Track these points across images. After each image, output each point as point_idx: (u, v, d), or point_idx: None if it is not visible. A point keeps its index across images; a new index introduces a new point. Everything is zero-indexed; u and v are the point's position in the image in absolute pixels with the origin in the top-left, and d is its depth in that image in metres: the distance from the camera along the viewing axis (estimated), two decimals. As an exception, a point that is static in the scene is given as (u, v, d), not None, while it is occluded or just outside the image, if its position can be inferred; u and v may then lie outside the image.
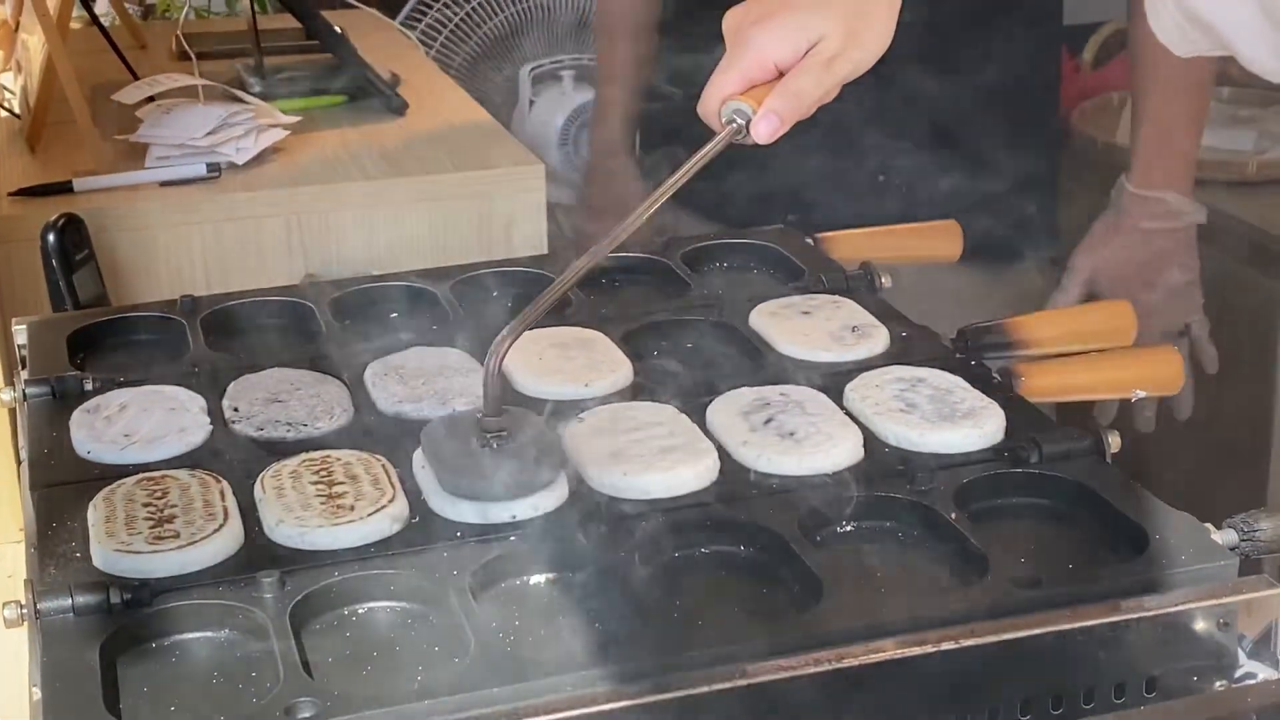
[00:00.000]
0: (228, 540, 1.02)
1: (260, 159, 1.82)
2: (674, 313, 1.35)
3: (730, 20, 1.08)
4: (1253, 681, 0.95)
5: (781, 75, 1.05)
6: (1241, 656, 0.97)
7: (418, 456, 1.11)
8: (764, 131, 1.05)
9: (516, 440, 1.06)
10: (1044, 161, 1.92)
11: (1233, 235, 2.26)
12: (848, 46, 1.06)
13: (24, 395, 1.24)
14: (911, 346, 1.27)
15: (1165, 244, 1.85)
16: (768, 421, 1.13)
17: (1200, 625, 0.96)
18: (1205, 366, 1.89)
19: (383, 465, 1.10)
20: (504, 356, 1.05)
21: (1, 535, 1.42)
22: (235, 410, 1.19)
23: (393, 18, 2.60)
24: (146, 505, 1.06)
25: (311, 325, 1.36)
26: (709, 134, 1.07)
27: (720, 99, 1.06)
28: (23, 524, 1.15)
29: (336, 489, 1.07)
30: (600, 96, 2.14)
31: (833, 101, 1.08)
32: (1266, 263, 2.21)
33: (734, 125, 1.06)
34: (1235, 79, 2.64)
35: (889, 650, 0.92)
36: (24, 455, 1.18)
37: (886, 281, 1.38)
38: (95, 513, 1.05)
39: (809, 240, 1.48)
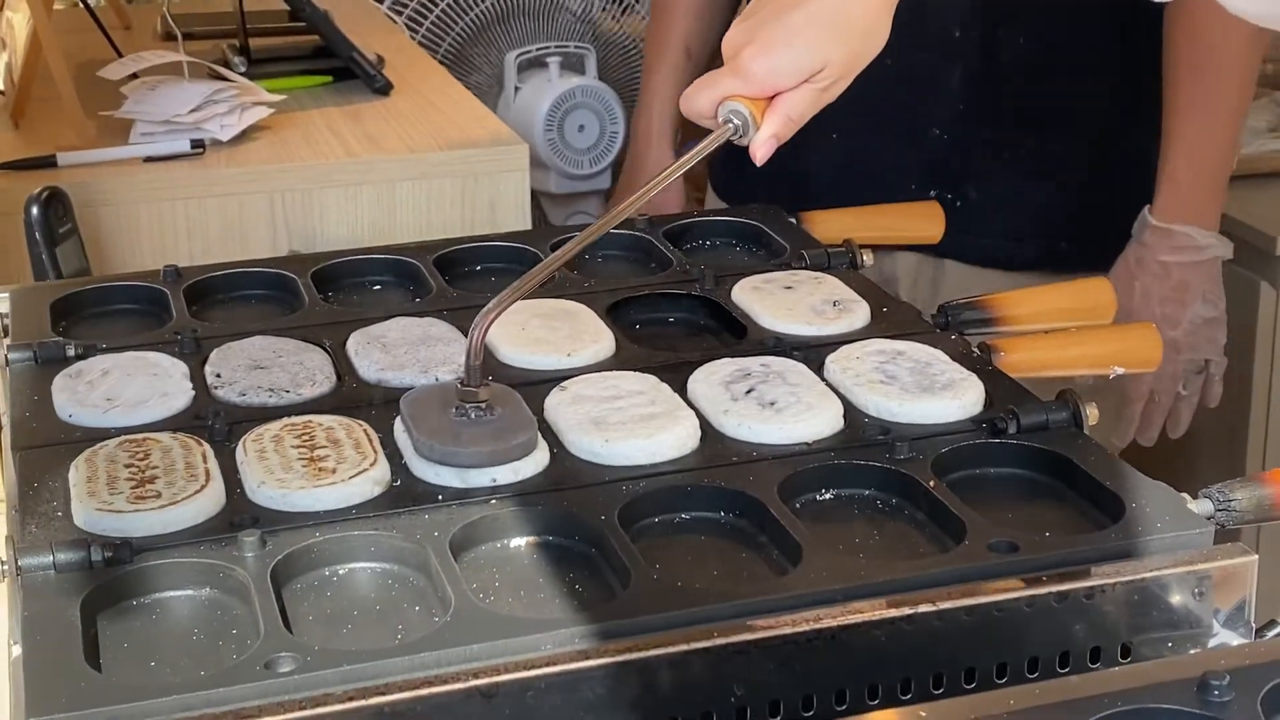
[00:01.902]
0: (209, 501, 1.02)
1: (245, 136, 1.82)
2: (657, 286, 1.36)
3: (730, 44, 1.09)
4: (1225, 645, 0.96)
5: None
6: (1216, 625, 0.98)
7: (399, 422, 1.11)
8: (762, 154, 1.08)
9: (495, 412, 1.07)
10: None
11: (1213, 228, 2.27)
12: (849, 69, 1.07)
13: (6, 360, 1.24)
14: (892, 321, 1.28)
15: (1187, 277, 1.78)
16: (749, 391, 1.14)
17: (1175, 592, 0.97)
18: (1208, 401, 1.83)
19: (364, 430, 1.10)
20: (488, 329, 1.06)
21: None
22: (218, 376, 1.20)
23: (379, 2, 2.60)
24: (128, 466, 1.06)
25: (295, 296, 1.37)
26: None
27: (715, 99, 1.08)
28: (3, 493, 1.16)
29: (318, 452, 1.07)
30: (643, 84, 2.12)
31: None
32: (1246, 256, 2.22)
33: (730, 126, 1.07)
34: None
35: (866, 612, 0.92)
36: (5, 419, 1.18)
37: (868, 259, 1.39)
38: (77, 473, 1.06)
39: (792, 219, 1.49)
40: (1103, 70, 1.80)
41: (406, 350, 1.22)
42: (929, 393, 1.13)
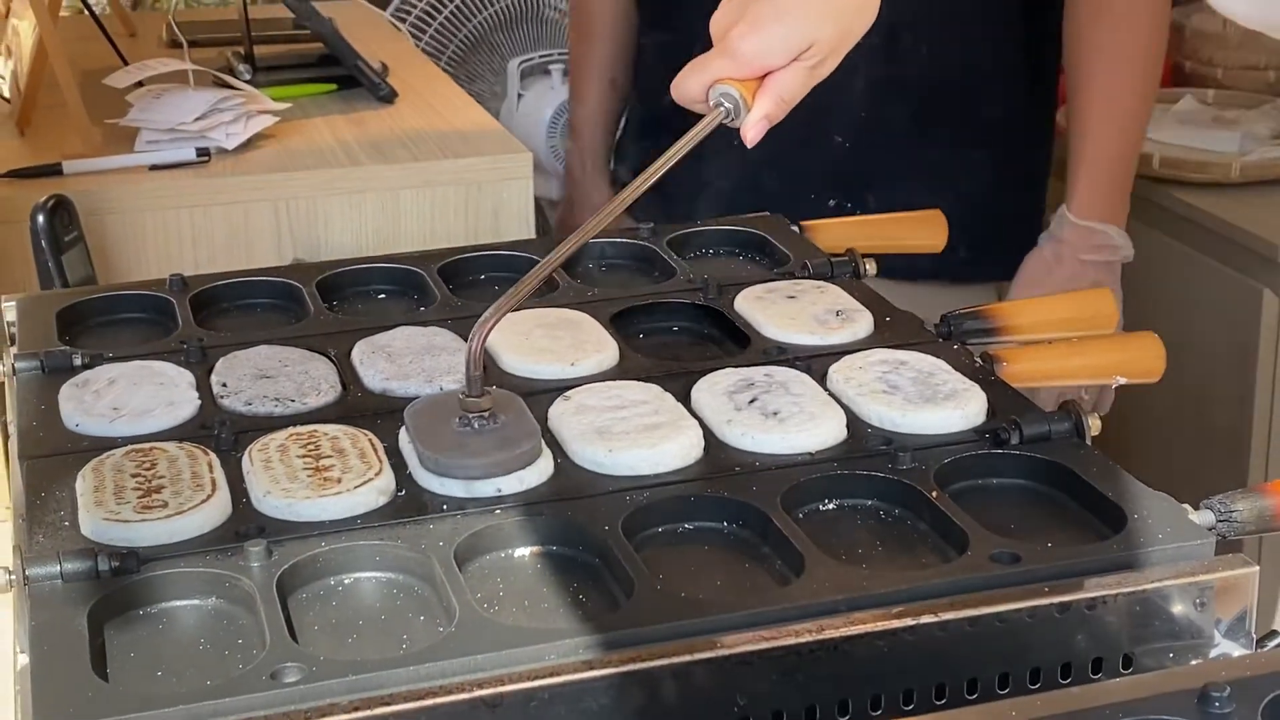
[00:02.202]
0: (215, 510, 1.03)
1: (250, 145, 1.83)
2: (660, 295, 1.37)
3: (718, 24, 1.08)
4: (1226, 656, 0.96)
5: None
6: (1217, 636, 0.99)
7: (404, 432, 1.12)
8: (753, 136, 1.07)
9: (498, 421, 1.07)
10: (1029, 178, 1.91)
11: (1216, 236, 2.28)
12: (839, 46, 1.06)
13: (13, 369, 1.24)
14: (895, 331, 1.28)
15: (1099, 277, 1.83)
16: (752, 401, 1.14)
17: (1176, 603, 0.98)
18: (1100, 408, 1.86)
19: (369, 440, 1.11)
20: (486, 337, 1.06)
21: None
22: (224, 385, 1.20)
23: (383, 10, 2.60)
24: (135, 476, 1.06)
25: (300, 305, 1.37)
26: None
27: (705, 83, 1.07)
28: (7, 501, 1.16)
29: (324, 462, 1.07)
30: (572, 114, 2.13)
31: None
32: (1248, 263, 2.23)
33: (722, 110, 1.07)
34: (1220, 82, 2.66)
35: (869, 623, 0.93)
36: (12, 428, 1.19)
37: (870, 268, 1.39)
38: (84, 483, 1.06)
39: (795, 228, 1.49)
40: (1002, 81, 1.83)
41: (411, 360, 1.23)
42: (932, 403, 1.14)
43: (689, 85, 1.08)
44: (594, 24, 2.08)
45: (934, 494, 1.04)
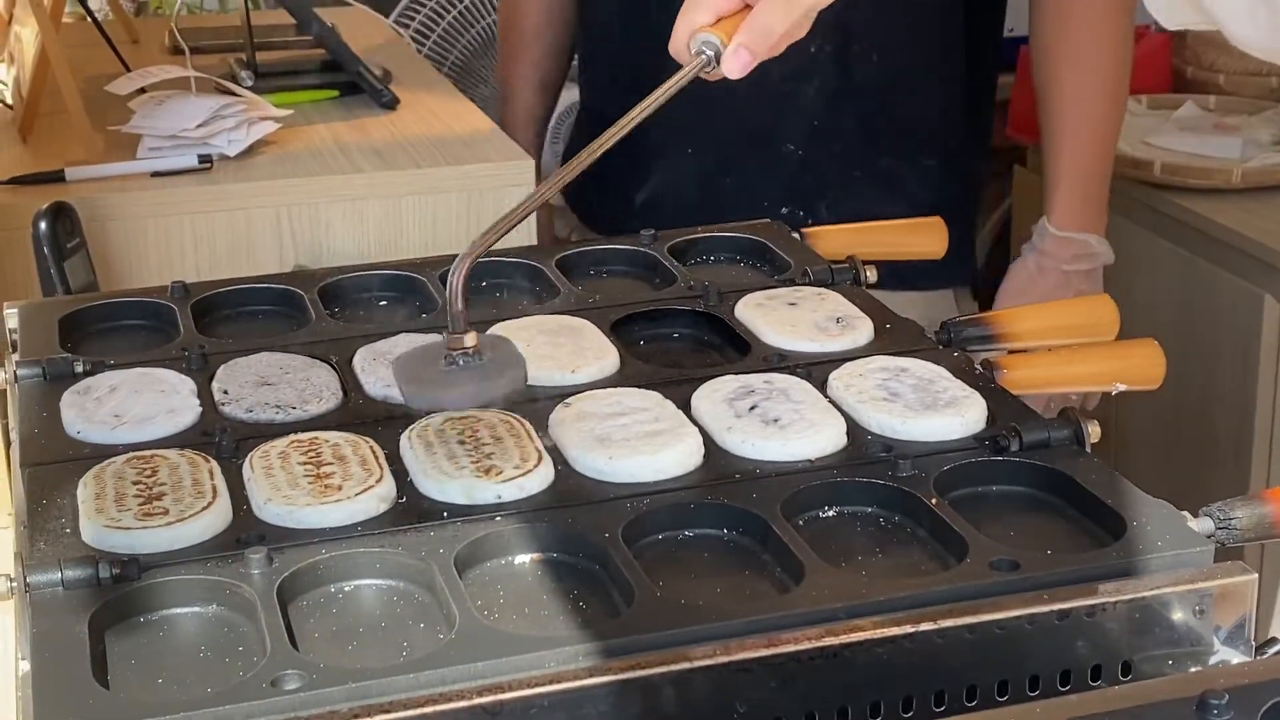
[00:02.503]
0: (216, 518, 1.03)
1: (252, 151, 1.83)
2: (661, 302, 1.37)
3: None
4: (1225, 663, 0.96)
5: (748, 6, 1.06)
6: (1216, 643, 0.99)
7: (404, 439, 1.12)
8: (735, 67, 1.05)
9: (484, 357, 1.06)
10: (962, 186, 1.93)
11: (1218, 242, 2.28)
12: None
13: (15, 377, 1.25)
14: (895, 338, 1.28)
15: (1081, 286, 1.85)
16: (752, 408, 1.14)
17: (1175, 610, 0.98)
18: (1087, 404, 1.88)
19: (370, 447, 1.11)
20: (466, 273, 1.04)
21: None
22: (225, 393, 1.20)
23: (386, 16, 2.61)
24: (136, 483, 1.07)
25: (301, 312, 1.37)
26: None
27: (689, 31, 1.07)
28: (9, 508, 1.16)
29: (324, 469, 1.08)
30: (502, 76, 2.15)
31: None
32: (1249, 269, 2.23)
33: (703, 57, 1.06)
34: (1222, 88, 2.66)
35: (868, 630, 0.93)
36: (14, 436, 1.19)
37: (871, 275, 1.40)
38: (85, 490, 1.06)
39: (795, 235, 1.49)
40: (952, 91, 1.84)
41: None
42: (932, 410, 1.14)
43: (676, 36, 1.08)
44: (524, 25, 2.10)
45: (933, 501, 1.05)
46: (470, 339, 1.06)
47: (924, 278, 1.82)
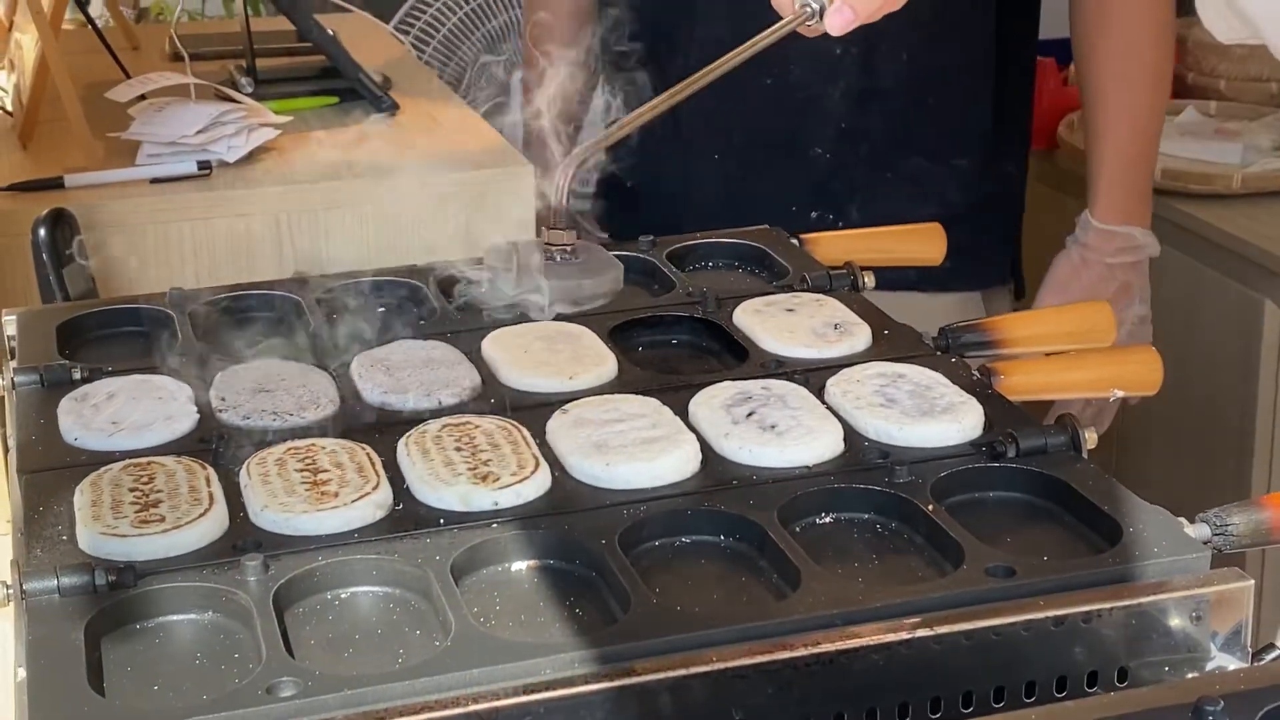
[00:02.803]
0: (212, 525, 1.03)
1: (251, 158, 1.83)
2: (659, 309, 1.37)
3: None
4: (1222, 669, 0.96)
5: None
6: (1213, 649, 0.99)
7: (401, 446, 1.12)
8: (837, 23, 1.09)
9: (580, 257, 1.11)
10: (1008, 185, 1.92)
11: (1217, 247, 2.28)
12: None
13: (12, 383, 1.25)
14: (893, 344, 1.28)
15: (1128, 277, 1.84)
16: (749, 415, 1.14)
17: (1172, 617, 0.98)
18: (1099, 426, 1.87)
19: (367, 454, 1.11)
20: (572, 174, 1.08)
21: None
22: (222, 400, 1.20)
23: (386, 23, 2.61)
24: (132, 490, 1.07)
25: (299, 318, 1.37)
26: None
27: None
28: (8, 515, 1.16)
29: (321, 476, 1.08)
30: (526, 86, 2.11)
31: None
32: (1249, 274, 2.23)
33: (807, 10, 1.09)
34: (1223, 93, 2.66)
35: (864, 636, 0.93)
36: (11, 442, 1.19)
37: (869, 281, 1.40)
38: (81, 497, 1.06)
39: (793, 241, 1.49)
40: (980, 89, 1.83)
41: (410, 373, 1.23)
42: (929, 416, 1.14)
43: None
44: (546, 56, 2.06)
45: (930, 507, 1.05)
46: (570, 236, 1.09)
47: (959, 279, 1.81)
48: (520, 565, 1.03)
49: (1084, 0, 1.82)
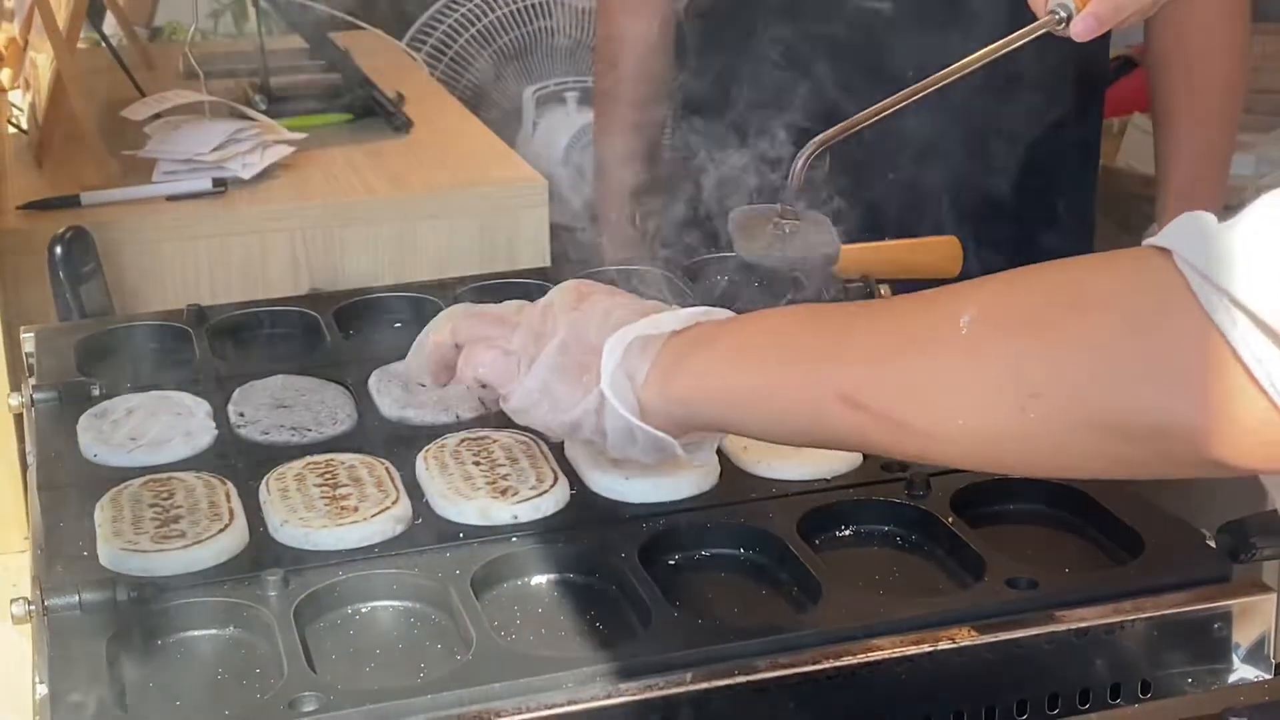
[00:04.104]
0: (233, 540, 1.03)
1: (266, 175, 1.83)
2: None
3: None
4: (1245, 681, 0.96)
5: None
6: (1235, 660, 0.98)
7: (420, 460, 1.12)
8: (1083, 29, 1.17)
9: (803, 229, 1.28)
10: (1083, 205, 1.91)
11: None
12: None
13: (32, 400, 1.25)
14: (910, 357, 1.28)
15: None
16: (768, 428, 1.14)
17: (1194, 628, 0.97)
18: None
19: (386, 468, 1.11)
20: (809, 157, 1.23)
21: (4, 545, 1.43)
22: (241, 415, 1.21)
23: (399, 39, 2.62)
24: (153, 506, 1.07)
25: (316, 334, 1.38)
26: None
27: None
28: (26, 533, 1.16)
29: (340, 491, 1.08)
30: (597, 145, 2.03)
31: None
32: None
33: (1055, 16, 1.18)
34: (1235, 105, 2.66)
35: (886, 650, 0.93)
36: (31, 459, 1.19)
37: (885, 293, 1.39)
38: (102, 513, 1.07)
39: (809, 254, 1.49)
40: (1066, 112, 1.82)
41: (427, 388, 1.23)
42: (947, 428, 1.13)
43: None
44: (622, 64, 2.02)
45: (950, 519, 1.04)
46: (799, 211, 1.26)
47: None
48: (540, 579, 1.03)
49: (1162, 13, 1.81)
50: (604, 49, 2.02)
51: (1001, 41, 1.18)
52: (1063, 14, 1.17)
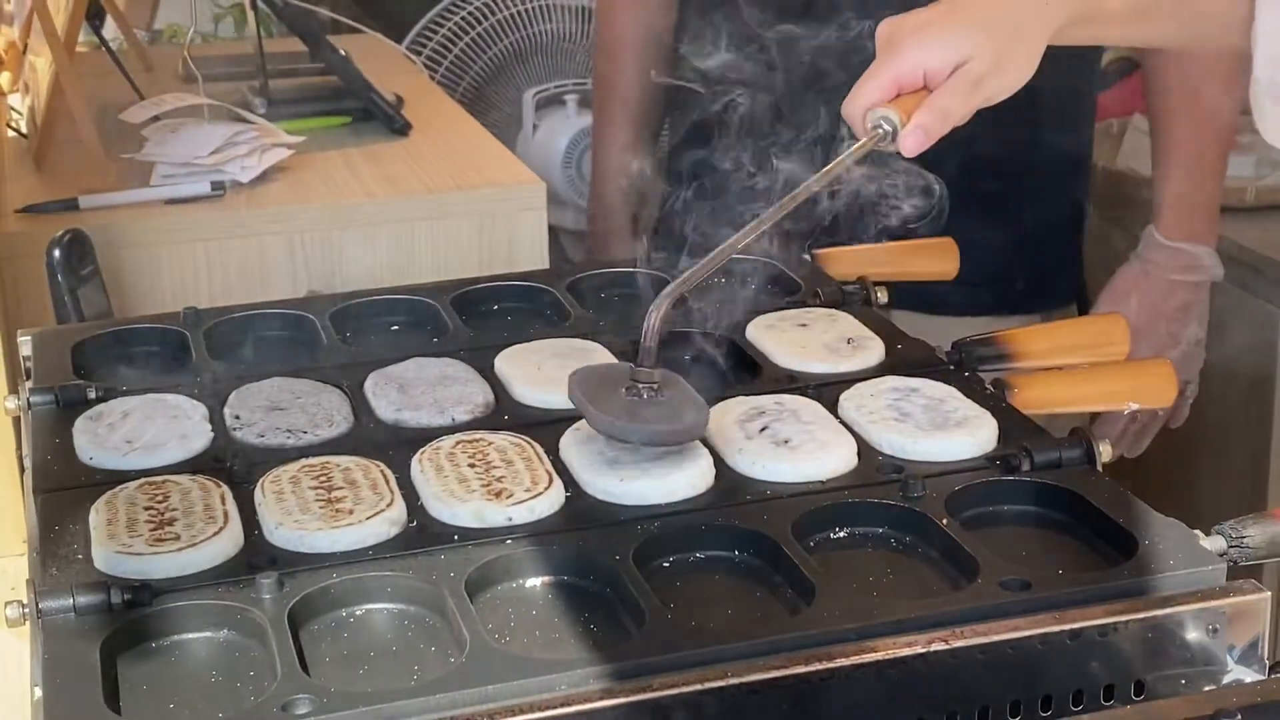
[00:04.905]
0: (227, 543, 1.03)
1: (264, 178, 1.84)
2: (672, 324, 1.36)
3: (885, 28, 1.11)
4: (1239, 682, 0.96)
5: (927, 88, 1.08)
6: (1229, 661, 0.98)
7: (415, 463, 1.12)
8: (911, 145, 1.08)
9: (664, 394, 1.10)
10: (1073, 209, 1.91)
11: (1231, 260, 2.27)
12: (994, 70, 1.08)
13: (28, 403, 1.25)
14: (906, 358, 1.28)
15: (1188, 297, 1.81)
16: (763, 429, 1.14)
17: (1188, 630, 0.97)
18: (1173, 423, 1.86)
19: (381, 470, 1.11)
20: (664, 313, 1.10)
21: (3, 548, 1.43)
22: (237, 418, 1.21)
23: (398, 43, 2.62)
24: (148, 509, 1.07)
25: (313, 337, 1.38)
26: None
27: (867, 104, 1.09)
28: (25, 535, 1.17)
29: (335, 493, 1.08)
30: (595, 136, 2.09)
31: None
32: (1264, 287, 2.22)
33: (879, 131, 1.09)
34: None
35: (879, 651, 0.93)
36: (27, 462, 1.20)
37: (882, 296, 1.40)
38: (97, 516, 1.07)
39: (806, 256, 1.49)
40: (1058, 116, 1.82)
41: (423, 390, 1.23)
42: (943, 430, 1.14)
43: (849, 107, 1.10)
44: (621, 55, 2.04)
45: (944, 521, 1.04)
46: (656, 375, 1.09)
47: (1035, 301, 1.80)
48: (534, 581, 1.03)
49: None
50: (604, 38, 2.03)
51: (834, 163, 1.09)
52: (887, 128, 1.08)
